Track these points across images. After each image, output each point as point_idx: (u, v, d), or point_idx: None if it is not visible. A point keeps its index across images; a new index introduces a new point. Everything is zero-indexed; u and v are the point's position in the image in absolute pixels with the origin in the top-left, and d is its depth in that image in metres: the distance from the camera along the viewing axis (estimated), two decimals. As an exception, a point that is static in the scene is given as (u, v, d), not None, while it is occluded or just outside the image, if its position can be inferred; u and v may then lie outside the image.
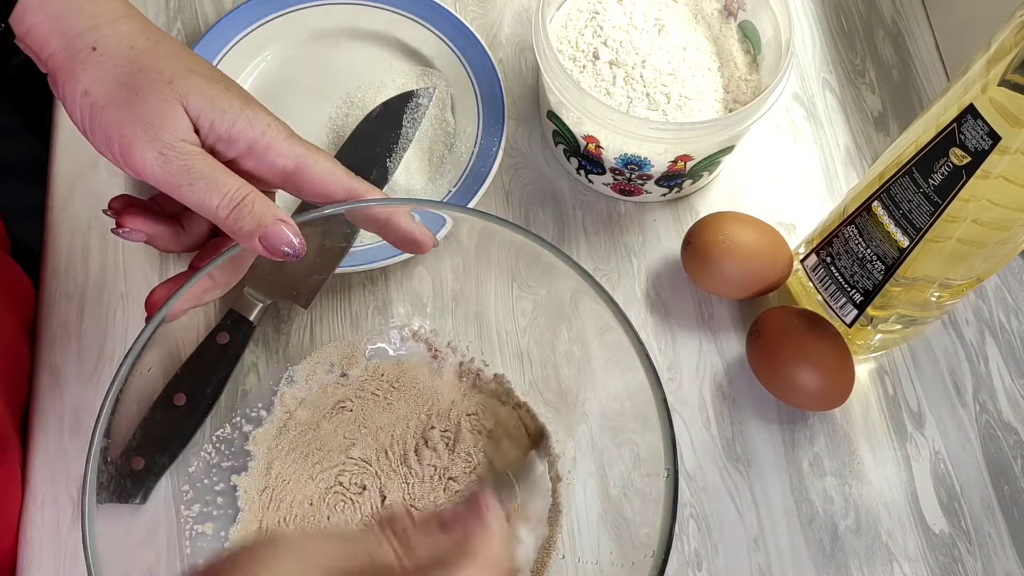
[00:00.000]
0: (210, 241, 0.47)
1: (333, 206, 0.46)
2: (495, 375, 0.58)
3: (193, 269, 0.46)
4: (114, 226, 0.44)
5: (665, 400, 0.45)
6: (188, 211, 0.46)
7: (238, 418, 0.55)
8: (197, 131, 0.42)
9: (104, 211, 0.45)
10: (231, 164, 0.44)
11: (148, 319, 0.44)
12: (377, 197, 0.47)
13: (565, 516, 0.55)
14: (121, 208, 0.44)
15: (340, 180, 0.45)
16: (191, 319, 0.51)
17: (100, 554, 0.41)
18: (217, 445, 0.54)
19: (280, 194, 0.49)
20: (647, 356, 0.46)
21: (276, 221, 0.43)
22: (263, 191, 0.44)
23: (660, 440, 0.45)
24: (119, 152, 0.42)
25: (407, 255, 0.59)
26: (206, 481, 0.53)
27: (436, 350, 0.59)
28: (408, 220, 0.48)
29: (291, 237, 0.43)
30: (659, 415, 0.45)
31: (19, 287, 0.66)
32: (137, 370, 0.45)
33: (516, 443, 0.56)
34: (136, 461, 0.51)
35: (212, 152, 0.43)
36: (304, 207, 0.47)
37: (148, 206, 0.45)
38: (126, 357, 0.44)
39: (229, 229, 0.43)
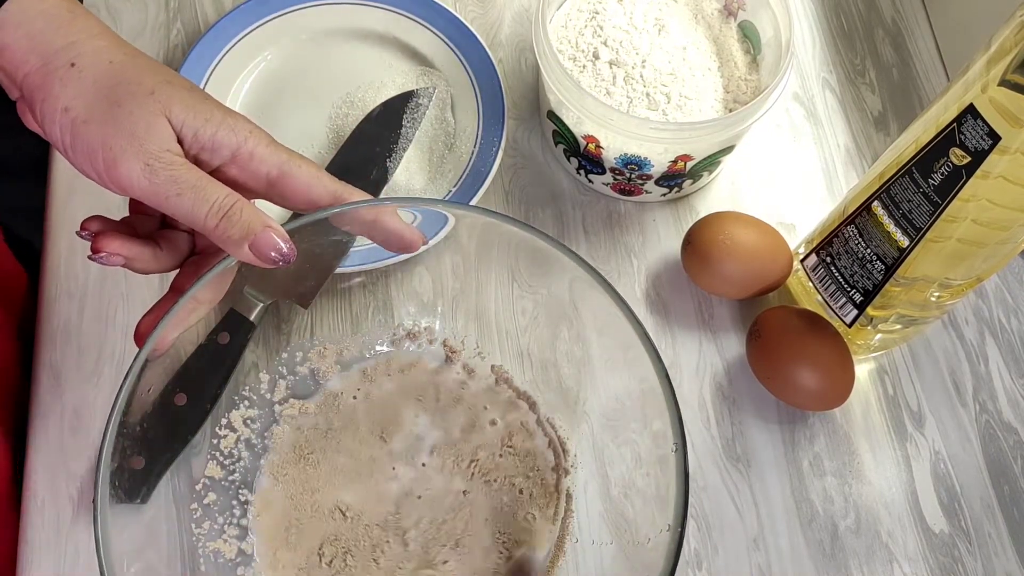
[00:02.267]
0: (189, 260, 0.47)
1: (322, 211, 0.46)
2: (492, 366, 0.58)
3: (175, 291, 0.46)
4: (90, 252, 0.43)
5: (668, 377, 0.45)
6: (165, 231, 0.46)
7: (239, 431, 0.55)
8: (180, 141, 0.42)
9: (78, 233, 0.44)
10: (215, 173, 0.43)
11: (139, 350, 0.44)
12: (364, 199, 0.46)
13: (576, 502, 0.55)
14: (97, 231, 0.44)
15: (325, 184, 0.45)
16: (191, 319, 0.51)
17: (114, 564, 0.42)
18: (222, 461, 0.54)
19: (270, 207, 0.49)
20: (647, 337, 0.46)
21: (265, 228, 0.43)
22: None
23: (666, 415, 0.45)
24: (103, 167, 0.41)
25: (407, 255, 0.59)
26: (215, 496, 0.53)
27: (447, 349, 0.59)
28: (396, 220, 0.48)
29: (280, 243, 0.43)
30: (664, 392, 0.45)
31: (9, 277, 0.65)
32: (136, 395, 0.45)
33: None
34: (136, 461, 0.51)
35: (196, 162, 0.43)
36: (295, 217, 0.47)
37: (123, 228, 0.45)
38: (122, 387, 0.44)
39: (218, 238, 0.42)
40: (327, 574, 0.53)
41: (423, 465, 0.55)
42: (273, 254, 0.43)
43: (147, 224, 0.46)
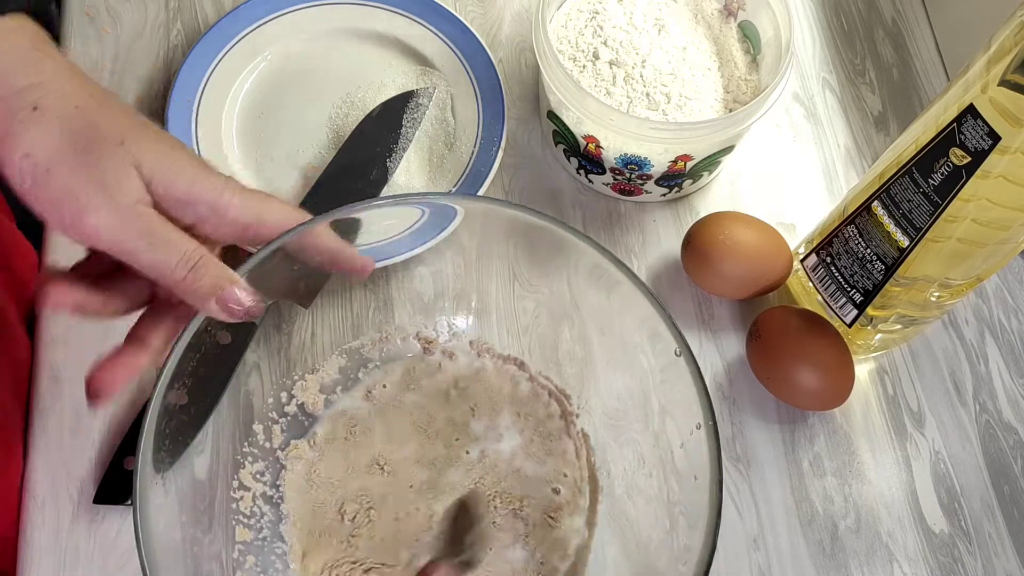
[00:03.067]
0: (147, 309, 0.45)
1: (280, 237, 0.45)
2: (471, 342, 0.58)
3: (131, 339, 0.44)
4: (38, 302, 0.41)
5: (689, 348, 0.45)
6: (119, 275, 0.44)
7: (252, 488, 0.53)
8: (150, 193, 0.41)
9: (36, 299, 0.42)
10: (187, 231, 0.42)
11: (91, 404, 0.43)
12: (303, 221, 0.46)
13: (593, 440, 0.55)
14: (44, 280, 0.41)
15: (294, 216, 0.45)
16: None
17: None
18: (247, 522, 0.52)
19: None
20: (659, 304, 0.47)
21: (231, 283, 0.42)
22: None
23: (662, 325, 0.45)
24: (69, 219, 0.39)
25: (407, 255, 0.59)
26: (253, 558, 0.52)
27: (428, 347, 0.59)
28: (344, 247, 0.47)
29: (245, 298, 0.42)
30: (686, 364, 0.45)
31: (17, 257, 0.65)
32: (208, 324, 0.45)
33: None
34: (130, 462, 0.51)
35: (166, 217, 0.41)
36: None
37: (73, 275, 0.43)
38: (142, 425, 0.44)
39: (185, 290, 0.41)
40: (348, 530, 0.52)
41: (467, 453, 0.55)
42: (239, 309, 0.42)
43: (101, 265, 0.44)
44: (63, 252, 0.61)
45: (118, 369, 0.43)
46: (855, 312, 0.57)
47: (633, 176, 0.62)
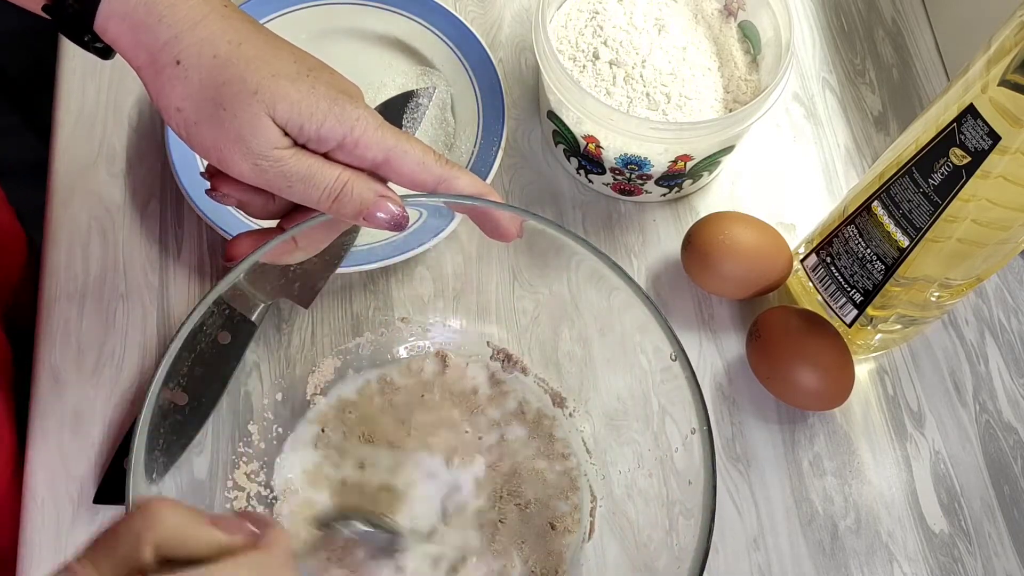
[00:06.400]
0: (294, 207, 0.48)
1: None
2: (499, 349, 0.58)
3: (282, 229, 0.47)
4: (208, 188, 0.45)
5: (684, 353, 0.45)
6: None
7: (246, 488, 0.54)
8: (287, 134, 0.43)
9: (201, 174, 0.46)
10: (325, 156, 0.44)
11: (228, 267, 0.45)
12: (456, 195, 0.47)
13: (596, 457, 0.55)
14: (216, 172, 0.45)
15: (430, 170, 0.45)
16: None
17: None
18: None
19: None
20: (656, 308, 0.47)
21: (377, 198, 0.44)
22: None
23: (658, 329, 0.45)
24: (219, 164, 0.43)
25: (407, 255, 0.59)
26: None
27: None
28: (497, 210, 0.48)
29: (392, 209, 0.44)
30: (654, 316, 0.46)
31: (3, 253, 0.66)
32: (204, 321, 0.45)
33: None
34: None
35: (305, 148, 0.43)
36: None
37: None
38: (199, 304, 0.45)
39: (333, 214, 0.44)
40: (357, 476, 0.53)
41: (479, 439, 0.55)
42: (386, 221, 0.44)
43: None
44: (64, 246, 0.61)
45: (250, 240, 0.47)
46: (855, 312, 0.57)
47: (633, 176, 0.62)
